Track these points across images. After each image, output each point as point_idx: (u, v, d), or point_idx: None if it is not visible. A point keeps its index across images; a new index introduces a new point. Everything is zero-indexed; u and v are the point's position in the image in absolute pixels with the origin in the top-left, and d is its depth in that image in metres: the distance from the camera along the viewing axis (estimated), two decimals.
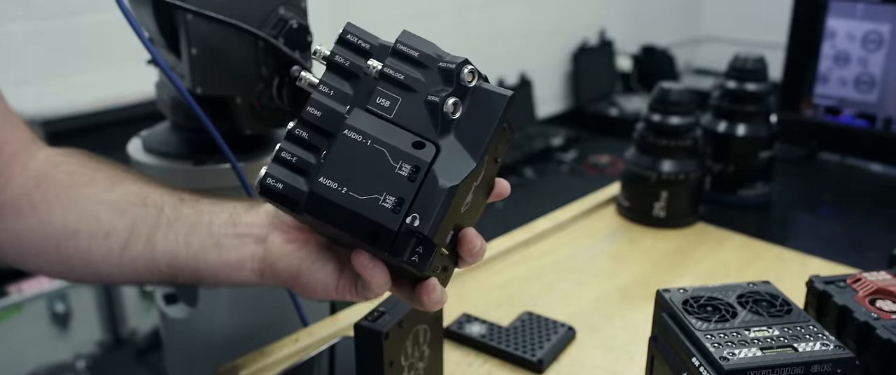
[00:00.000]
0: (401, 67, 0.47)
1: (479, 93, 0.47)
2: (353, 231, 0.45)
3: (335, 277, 0.56)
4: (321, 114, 0.47)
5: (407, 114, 0.46)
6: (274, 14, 0.73)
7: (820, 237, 1.10)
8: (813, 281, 0.65)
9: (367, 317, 0.62)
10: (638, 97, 4.35)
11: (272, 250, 0.58)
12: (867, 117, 1.24)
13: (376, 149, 0.45)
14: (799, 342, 0.54)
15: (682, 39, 4.82)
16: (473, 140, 0.46)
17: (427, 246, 0.45)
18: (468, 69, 0.46)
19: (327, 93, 0.48)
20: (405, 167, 0.44)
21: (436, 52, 0.47)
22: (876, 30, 1.21)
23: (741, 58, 1.12)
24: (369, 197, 0.44)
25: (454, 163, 0.45)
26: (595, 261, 0.99)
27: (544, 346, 0.78)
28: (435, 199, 0.44)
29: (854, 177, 1.30)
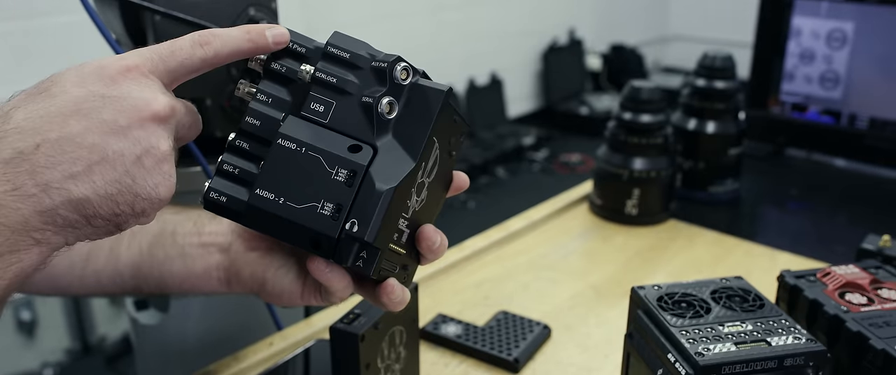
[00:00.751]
0: (333, 70, 0.46)
1: (416, 90, 0.46)
2: (295, 241, 0.44)
3: (300, 284, 0.56)
4: (260, 123, 0.47)
5: (342, 117, 0.45)
6: (244, 15, 0.72)
7: (788, 232, 1.12)
8: (784, 275, 0.66)
9: (342, 320, 0.62)
10: (607, 96, 4.39)
11: (236, 259, 0.58)
12: (832, 114, 1.27)
13: (311, 156, 0.44)
14: (772, 336, 0.54)
15: (650, 38, 4.87)
16: (412, 138, 0.46)
17: (370, 250, 0.44)
18: (401, 67, 0.46)
19: (265, 101, 0.47)
20: (342, 172, 0.44)
21: (368, 52, 0.47)
22: (840, 28, 1.23)
23: (710, 56, 1.14)
24: (307, 206, 0.44)
25: (392, 164, 0.45)
26: (569, 260, 0.99)
27: (520, 345, 0.78)
28: (373, 203, 0.44)
29: (820, 173, 1.32)
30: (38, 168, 0.39)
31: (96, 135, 0.40)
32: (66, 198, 0.39)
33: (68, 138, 0.39)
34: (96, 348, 2.21)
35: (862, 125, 1.24)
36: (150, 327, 0.87)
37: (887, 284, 0.63)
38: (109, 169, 0.40)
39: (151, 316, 0.87)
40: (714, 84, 1.13)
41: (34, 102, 0.40)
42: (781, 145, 1.36)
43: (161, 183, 0.42)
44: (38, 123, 0.39)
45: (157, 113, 0.42)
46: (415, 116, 0.46)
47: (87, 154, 0.39)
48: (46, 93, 0.40)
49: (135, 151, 0.41)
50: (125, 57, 0.43)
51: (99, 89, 0.41)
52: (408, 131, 0.46)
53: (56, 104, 0.40)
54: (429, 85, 0.46)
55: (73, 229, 0.41)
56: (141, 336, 0.90)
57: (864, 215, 1.15)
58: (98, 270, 0.59)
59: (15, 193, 0.38)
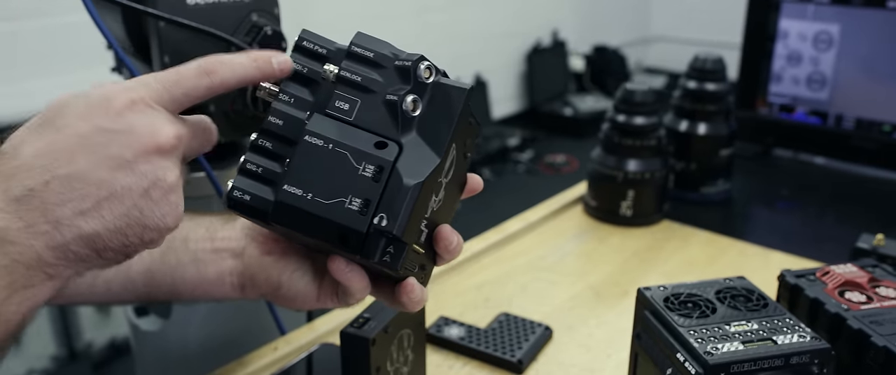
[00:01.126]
0: (357, 69, 0.47)
1: (438, 88, 0.47)
2: (323, 236, 0.45)
3: (315, 286, 0.56)
4: (282, 122, 0.47)
5: (367, 115, 0.46)
6: (247, 20, 0.72)
7: (779, 231, 1.14)
8: (784, 275, 0.67)
9: (352, 324, 0.62)
10: (591, 96, 4.42)
11: (250, 263, 0.58)
12: (819, 114, 1.29)
13: (338, 153, 0.45)
14: (777, 335, 0.55)
15: (632, 39, 4.90)
16: (435, 135, 0.47)
17: (397, 245, 0.45)
18: (424, 65, 0.47)
19: (288, 101, 0.48)
20: (369, 168, 0.45)
21: (391, 52, 0.48)
22: (826, 30, 1.25)
23: (701, 58, 1.15)
24: (335, 201, 0.44)
25: (418, 160, 0.46)
26: (566, 261, 1.00)
27: (523, 346, 0.79)
28: (401, 198, 0.44)
29: (807, 173, 1.35)
30: (49, 205, 0.39)
31: (104, 170, 0.40)
32: (78, 234, 0.40)
33: (77, 175, 0.40)
34: (83, 354, 2.19)
35: (848, 125, 1.26)
36: (150, 333, 0.87)
37: (885, 282, 0.65)
38: (118, 203, 0.41)
39: (152, 323, 0.87)
40: (705, 86, 1.15)
41: (40, 136, 0.41)
42: (769, 146, 1.38)
43: (168, 212, 0.43)
44: (47, 160, 0.40)
45: (161, 146, 0.42)
46: (438, 114, 0.47)
47: (95, 190, 0.40)
48: (52, 127, 0.41)
49: (142, 184, 0.41)
50: (130, 88, 0.43)
51: (104, 123, 0.41)
52: (431, 128, 0.46)
53: (63, 139, 0.40)
54: (451, 83, 0.47)
55: (83, 262, 0.42)
56: (141, 342, 0.89)
57: (852, 214, 1.17)
58: (109, 279, 0.59)
59: (28, 230, 0.39)
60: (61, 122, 0.41)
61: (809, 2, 1.25)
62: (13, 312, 0.40)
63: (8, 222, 0.39)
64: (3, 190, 0.40)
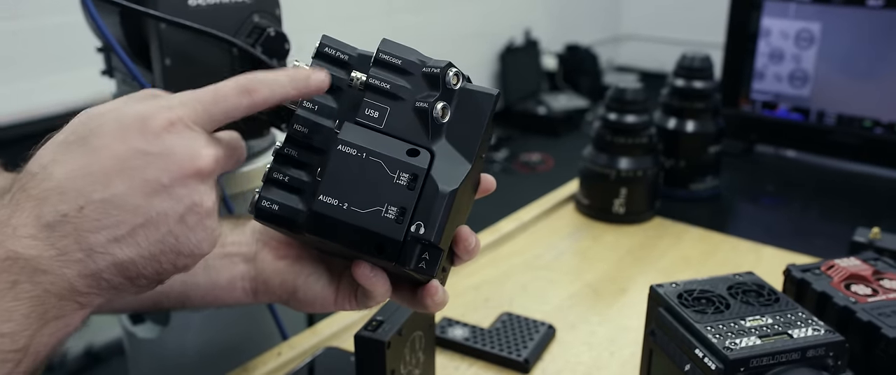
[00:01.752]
0: (385, 76, 0.47)
1: (465, 94, 0.47)
2: (360, 246, 0.45)
3: (332, 289, 0.55)
4: (308, 130, 0.47)
5: (397, 122, 0.46)
6: (248, 21, 0.71)
7: (768, 226, 1.16)
8: (790, 270, 0.68)
9: (366, 327, 0.62)
10: (564, 95, 4.44)
11: (264, 268, 0.57)
12: (801, 111, 1.31)
13: (372, 161, 0.45)
14: (792, 328, 0.56)
15: (603, 38, 4.95)
16: (465, 141, 0.47)
17: (433, 252, 0.45)
18: (453, 72, 0.47)
19: (311, 108, 0.48)
20: (403, 176, 0.44)
21: (418, 58, 0.48)
22: (807, 28, 1.27)
23: (689, 57, 1.17)
24: (371, 210, 0.44)
25: (450, 166, 0.46)
26: (563, 259, 1.01)
27: (528, 346, 0.79)
28: (437, 205, 0.44)
29: (790, 168, 1.37)
30: (83, 232, 0.38)
31: (140, 196, 0.39)
32: (111, 262, 0.39)
33: (112, 200, 0.39)
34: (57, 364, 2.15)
35: (830, 121, 1.29)
36: (147, 341, 0.85)
37: (888, 275, 0.66)
38: (153, 230, 0.40)
39: (149, 330, 0.86)
40: (693, 84, 1.16)
41: (72, 156, 0.39)
42: (752, 142, 1.40)
43: (204, 238, 0.42)
44: (81, 184, 0.38)
45: (201, 170, 0.41)
46: (466, 119, 0.47)
47: (131, 216, 0.39)
48: (85, 146, 0.39)
49: (178, 210, 0.40)
50: (169, 107, 0.41)
51: (141, 145, 0.40)
52: (460, 134, 0.46)
53: (98, 161, 0.39)
54: (478, 89, 0.47)
55: (115, 289, 0.40)
56: (137, 350, 0.88)
57: (836, 208, 1.19)
58: None
59: (61, 259, 0.38)
60: (96, 142, 0.39)
61: (791, 0, 1.27)
62: (43, 344, 0.38)
63: (40, 250, 0.38)
64: (36, 215, 0.38)
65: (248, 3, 0.71)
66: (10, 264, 0.37)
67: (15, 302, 0.37)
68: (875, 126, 1.25)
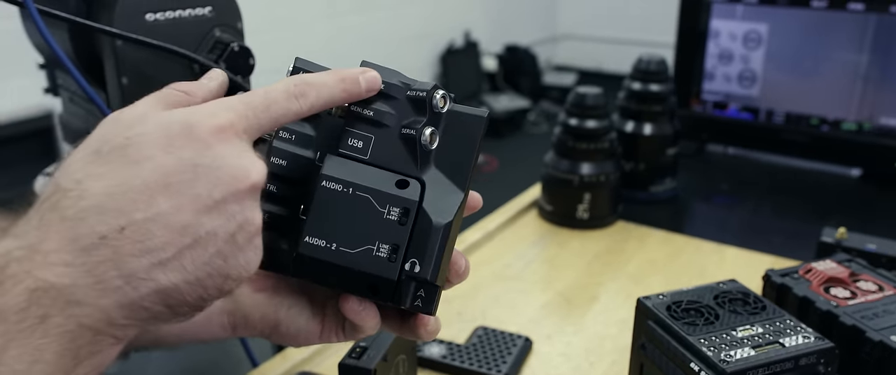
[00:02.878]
0: (368, 103, 0.44)
1: (453, 117, 0.44)
2: (351, 287, 0.42)
3: (317, 322, 0.52)
4: (286, 162, 0.44)
5: (383, 152, 0.43)
6: (210, 36, 0.68)
7: (726, 225, 1.17)
8: (770, 275, 0.68)
9: (350, 355, 0.59)
10: (505, 96, 4.46)
11: (242, 302, 0.54)
12: (751, 110, 1.34)
13: (360, 196, 0.41)
14: (783, 337, 0.56)
15: (541, 38, 4.99)
16: (456, 168, 0.44)
17: (429, 288, 0.42)
18: (440, 95, 0.44)
19: (289, 138, 0.44)
20: (394, 211, 0.41)
21: (401, 80, 0.45)
22: (755, 29, 1.30)
23: (644, 60, 1.17)
24: (362, 250, 0.41)
25: (442, 196, 0.43)
26: (531, 268, 1.00)
27: (507, 360, 0.77)
28: (432, 241, 0.42)
29: (742, 167, 1.40)
30: (124, 256, 0.34)
31: (188, 213, 0.35)
32: (154, 289, 0.35)
33: (157, 219, 0.34)
34: None
35: (778, 120, 1.32)
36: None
37: (863, 276, 0.67)
38: (201, 251, 0.35)
39: None
40: (649, 87, 1.17)
41: (110, 169, 0.35)
42: (704, 142, 1.42)
43: (252, 259, 0.38)
44: (122, 202, 0.34)
45: (256, 184, 0.37)
46: (456, 144, 0.44)
47: (178, 237, 0.35)
48: (124, 158, 0.35)
49: (229, 229, 0.36)
50: (216, 113, 0.37)
51: (190, 156, 0.35)
52: (450, 160, 0.44)
53: (141, 175, 0.34)
54: (467, 111, 0.44)
55: (154, 320, 0.36)
56: None
57: (789, 205, 1.22)
58: None
59: (98, 287, 0.33)
60: (136, 153, 0.35)
61: (738, 2, 1.30)
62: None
63: (74, 278, 0.33)
64: (71, 238, 0.33)
65: (208, 16, 0.67)
66: (39, 295, 0.33)
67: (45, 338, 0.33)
68: (822, 123, 1.28)
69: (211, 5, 0.68)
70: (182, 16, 0.66)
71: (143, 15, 0.64)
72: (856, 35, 1.22)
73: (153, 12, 0.64)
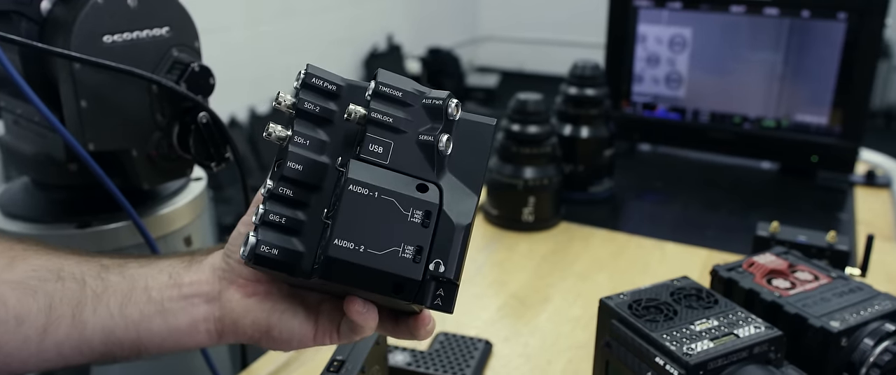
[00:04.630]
0: (387, 109, 0.45)
1: (465, 124, 0.47)
2: (377, 288, 0.44)
3: (311, 324, 0.53)
4: (303, 167, 0.45)
5: (402, 157, 0.45)
6: (168, 56, 0.67)
7: (661, 221, 1.23)
8: (717, 270, 0.73)
9: (328, 369, 0.60)
10: None
11: (232, 308, 0.54)
12: (678, 110, 1.40)
13: (385, 200, 0.43)
14: (736, 328, 0.61)
15: (463, 40, 5.05)
16: (469, 173, 0.46)
17: (449, 287, 0.44)
18: (454, 103, 0.46)
19: (303, 143, 0.46)
20: (417, 214, 0.43)
21: (416, 89, 0.47)
22: (680, 33, 1.37)
23: (580, 65, 1.22)
24: (389, 251, 0.43)
25: (459, 199, 0.45)
26: (484, 272, 1.03)
27: (470, 364, 0.80)
28: (455, 241, 0.44)
29: (671, 165, 1.46)
30: None
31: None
32: None
33: None
34: None
35: (704, 119, 1.39)
36: None
37: (800, 267, 0.72)
38: None
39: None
40: (585, 91, 1.21)
41: None
42: (635, 142, 1.49)
43: None
44: None
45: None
46: (468, 151, 0.46)
47: None
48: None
49: None
50: None
51: None
52: (463, 165, 0.46)
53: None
54: (477, 119, 0.47)
55: None
56: None
57: (718, 200, 1.29)
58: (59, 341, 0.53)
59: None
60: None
61: (664, 7, 1.36)
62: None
63: None
64: None
65: (166, 37, 0.67)
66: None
67: None
68: (744, 121, 1.36)
69: (168, 25, 0.67)
70: (140, 37, 0.65)
71: (101, 37, 0.63)
72: (772, 38, 1.30)
73: (110, 34, 0.64)
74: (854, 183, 1.32)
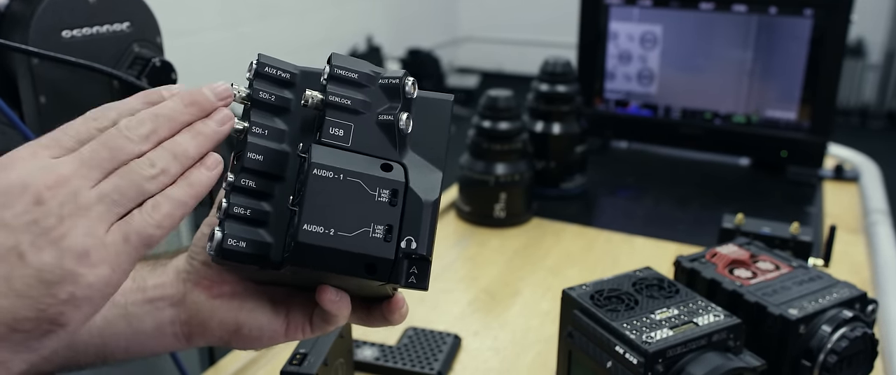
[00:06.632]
0: (344, 93, 0.45)
1: (423, 102, 0.47)
2: (349, 270, 0.43)
3: (281, 319, 0.53)
4: (263, 157, 0.45)
5: (363, 138, 0.45)
6: (129, 52, 0.67)
7: (632, 216, 1.24)
8: (680, 261, 0.74)
9: (290, 362, 0.60)
10: None
11: (199, 309, 0.54)
12: (650, 107, 1.42)
13: (351, 182, 0.43)
14: (696, 317, 0.61)
15: (443, 41, 5.05)
16: (432, 149, 0.47)
17: (422, 264, 0.44)
18: (410, 82, 0.46)
19: (262, 133, 0.46)
20: (384, 193, 0.44)
21: (371, 70, 0.47)
22: (651, 31, 1.38)
23: (551, 63, 1.22)
24: (359, 233, 0.43)
25: (424, 176, 0.45)
26: (454, 267, 1.03)
27: (438, 358, 0.80)
28: (424, 217, 0.44)
29: (644, 161, 1.47)
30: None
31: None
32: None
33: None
34: None
35: (676, 115, 1.40)
36: None
37: (761, 257, 0.73)
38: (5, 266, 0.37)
39: None
40: (556, 88, 1.22)
41: None
42: (608, 138, 1.50)
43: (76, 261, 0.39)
44: None
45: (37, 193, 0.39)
46: (428, 128, 0.46)
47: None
48: None
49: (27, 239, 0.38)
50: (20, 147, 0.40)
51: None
52: (425, 143, 0.46)
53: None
54: (434, 96, 0.47)
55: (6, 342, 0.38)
56: None
57: (689, 195, 1.30)
58: None
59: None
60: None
61: (634, 5, 1.37)
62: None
63: None
64: None
65: (126, 32, 0.67)
66: None
67: None
68: (715, 117, 1.37)
69: (129, 20, 0.67)
70: (100, 32, 0.65)
71: (60, 32, 0.62)
72: (741, 34, 1.32)
73: (69, 29, 0.63)
74: (823, 177, 1.34)
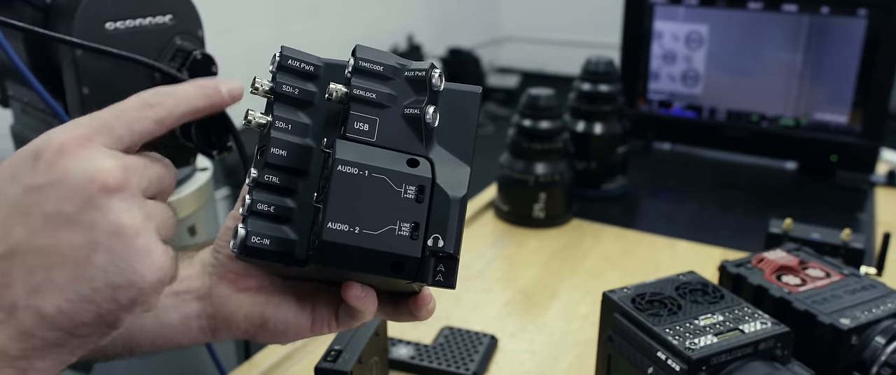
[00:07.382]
0: (369, 86, 0.44)
1: (450, 95, 0.45)
2: (372, 269, 0.43)
3: (307, 314, 0.52)
4: (287, 152, 0.44)
5: (389, 133, 0.44)
6: (171, 44, 0.67)
7: (675, 220, 1.21)
8: (725, 266, 0.71)
9: (325, 358, 0.60)
10: None
11: (224, 303, 0.54)
12: (694, 108, 1.38)
13: (376, 178, 0.42)
14: (742, 324, 0.59)
15: (484, 40, 5.04)
16: (459, 143, 0.45)
17: (448, 262, 0.43)
18: (437, 74, 0.45)
19: (285, 128, 0.44)
20: (410, 189, 0.42)
21: (397, 62, 0.45)
22: (696, 30, 1.35)
23: (593, 62, 1.20)
24: (385, 230, 0.42)
25: (451, 171, 0.44)
26: (492, 267, 1.02)
27: (474, 359, 0.79)
28: (451, 214, 0.42)
29: (687, 163, 1.44)
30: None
31: (46, 234, 0.35)
32: (38, 315, 0.35)
33: (17, 249, 0.35)
34: None
35: (721, 117, 1.37)
36: None
37: (811, 264, 0.71)
38: (72, 267, 0.36)
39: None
40: (599, 87, 1.20)
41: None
42: (650, 140, 1.47)
43: (140, 262, 0.37)
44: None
45: (106, 184, 0.36)
46: (455, 121, 0.45)
47: (42, 259, 0.35)
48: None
49: (95, 238, 0.36)
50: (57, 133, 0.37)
51: (34, 180, 0.36)
52: (451, 136, 0.44)
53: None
54: (461, 88, 0.45)
55: (58, 347, 0.36)
56: None
57: (733, 199, 1.27)
58: None
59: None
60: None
61: (680, 4, 1.34)
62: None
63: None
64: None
65: (169, 25, 0.67)
66: None
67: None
68: (761, 120, 1.33)
69: (171, 13, 0.67)
70: (142, 24, 0.65)
71: (103, 24, 0.63)
72: (790, 35, 1.28)
73: (113, 21, 0.64)
74: (875, 183, 1.29)
